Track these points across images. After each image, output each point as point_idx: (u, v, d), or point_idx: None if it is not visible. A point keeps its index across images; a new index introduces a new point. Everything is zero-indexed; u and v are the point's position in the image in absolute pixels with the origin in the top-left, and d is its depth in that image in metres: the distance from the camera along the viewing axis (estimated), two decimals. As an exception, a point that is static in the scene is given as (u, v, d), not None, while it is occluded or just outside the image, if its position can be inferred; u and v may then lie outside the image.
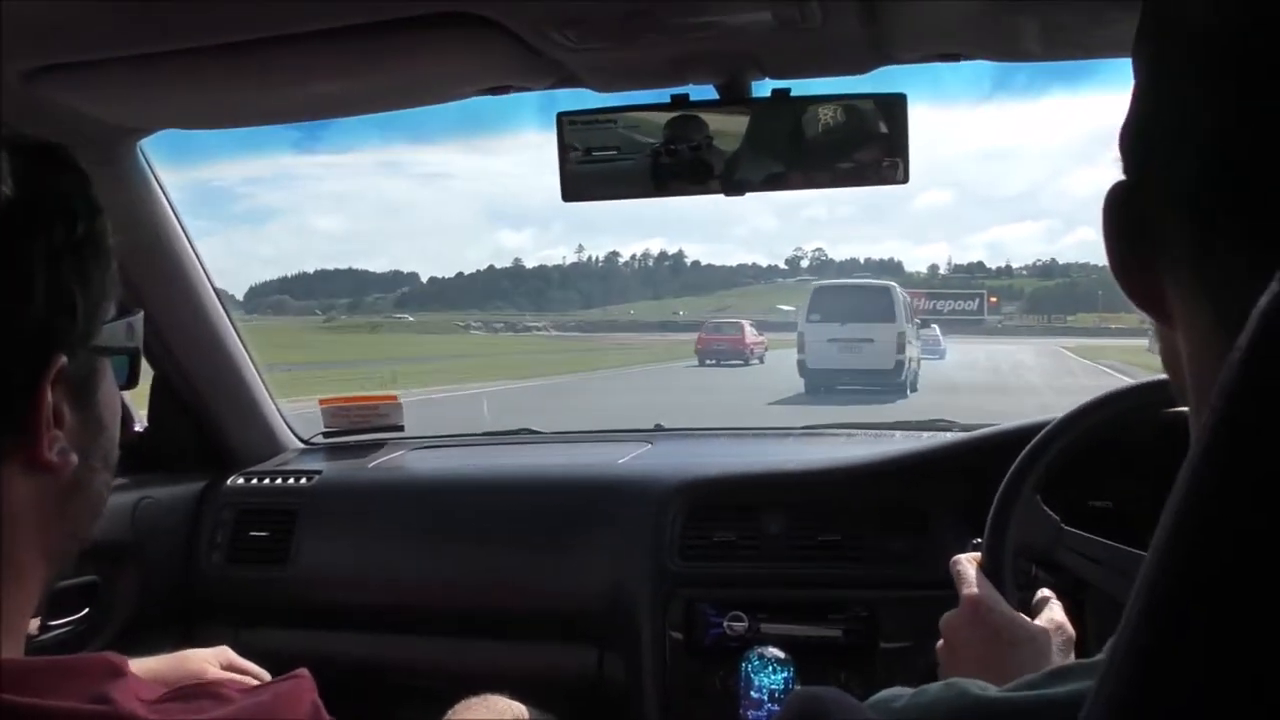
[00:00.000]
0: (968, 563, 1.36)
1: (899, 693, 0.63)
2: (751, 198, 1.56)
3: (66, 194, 0.67)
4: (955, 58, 1.41)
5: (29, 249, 0.62)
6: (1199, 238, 0.44)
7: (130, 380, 0.76)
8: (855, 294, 19.86)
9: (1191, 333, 0.47)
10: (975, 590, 1.28)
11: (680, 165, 1.51)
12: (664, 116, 1.51)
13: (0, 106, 1.43)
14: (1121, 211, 0.49)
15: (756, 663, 1.64)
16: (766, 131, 1.51)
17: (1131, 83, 0.51)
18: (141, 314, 0.75)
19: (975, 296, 57.54)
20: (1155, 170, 0.47)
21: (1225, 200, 0.43)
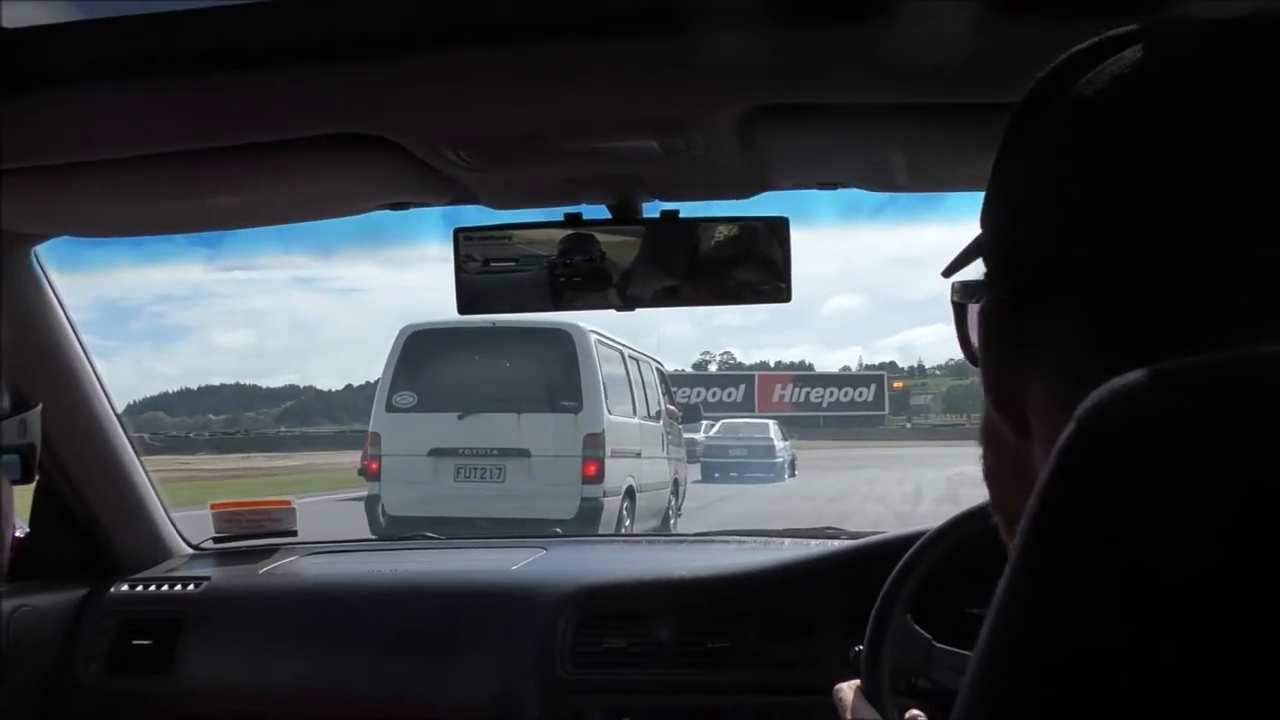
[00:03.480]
0: (848, 689, 1.40)
1: None
2: (665, 310, 1.62)
3: None
4: (831, 186, 1.50)
5: None
6: (1071, 346, 0.49)
7: (25, 476, 0.74)
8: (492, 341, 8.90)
9: (1048, 445, 0.51)
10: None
11: (576, 279, 1.56)
12: (558, 233, 1.56)
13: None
14: (996, 325, 0.54)
15: None
16: (657, 249, 1.57)
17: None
18: (39, 408, 0.74)
19: (872, 382, 42.66)
20: (1030, 283, 0.52)
21: (1093, 308, 0.49)
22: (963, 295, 0.60)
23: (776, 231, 1.53)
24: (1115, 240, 0.48)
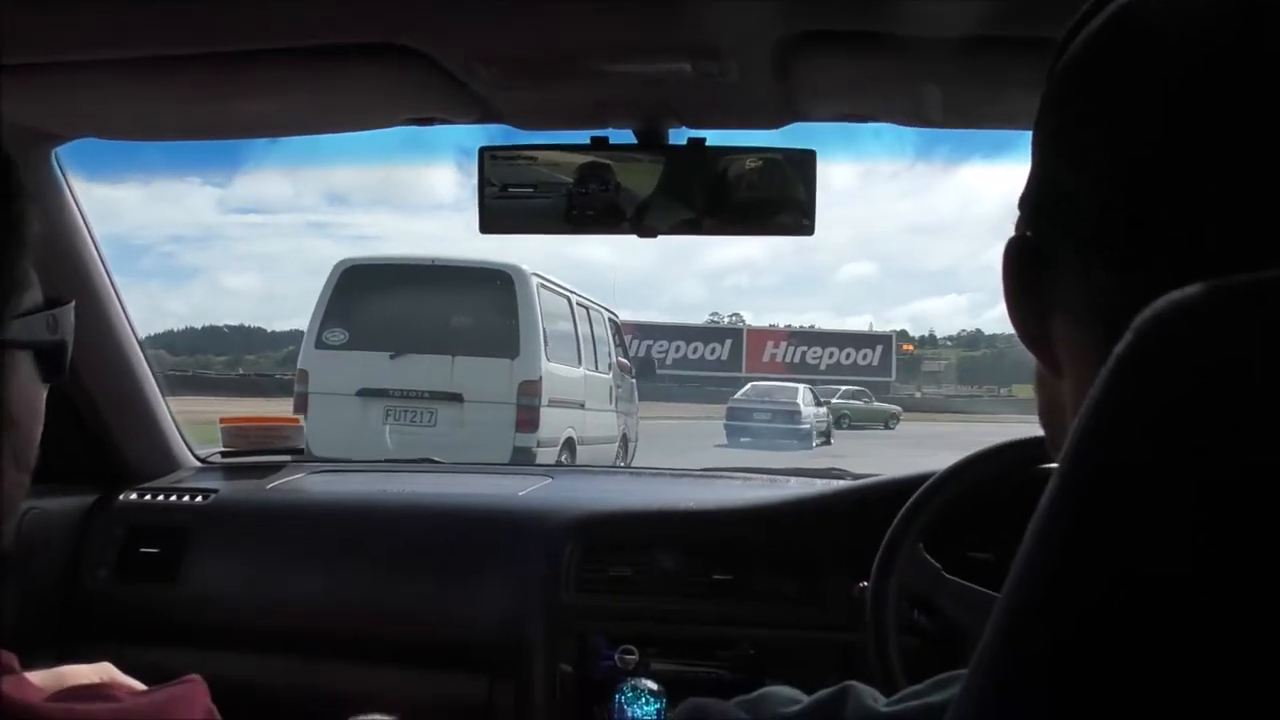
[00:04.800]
0: None
1: (793, 696, 0.66)
2: (677, 265, 1.62)
3: None
4: (863, 118, 1.49)
5: None
6: (1091, 281, 0.49)
7: (55, 374, 0.73)
8: (415, 275, 8.63)
9: (1078, 380, 0.51)
10: None
11: (594, 206, 1.56)
12: (582, 158, 1.55)
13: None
14: (1020, 261, 0.55)
15: (630, 694, 1.66)
16: (681, 178, 1.56)
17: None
18: (71, 306, 0.73)
19: (878, 342, 36.82)
20: (1051, 223, 0.53)
21: (1114, 244, 0.49)
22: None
23: (802, 164, 1.52)
24: (1131, 175, 0.48)
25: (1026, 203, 0.56)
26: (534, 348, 8.19)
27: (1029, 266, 0.54)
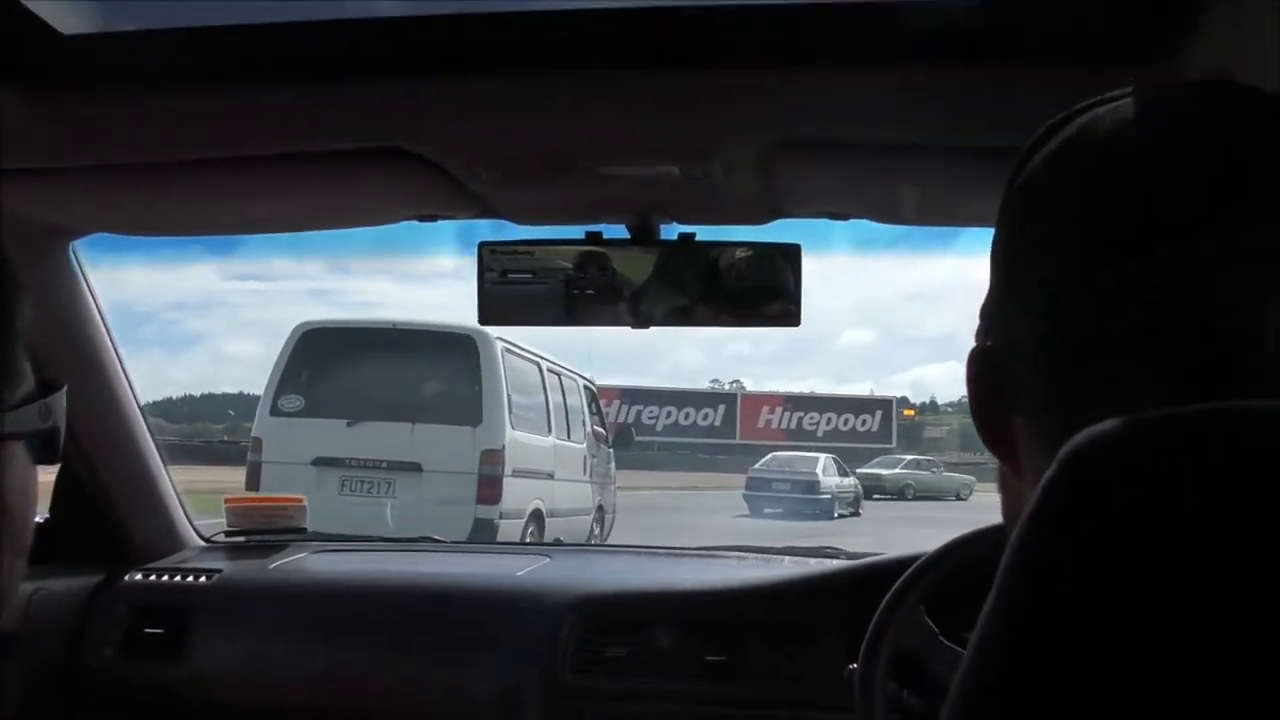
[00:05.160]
0: None
1: None
2: (678, 337, 1.66)
3: None
4: (843, 217, 1.55)
5: None
6: (1047, 393, 0.54)
7: (49, 459, 0.74)
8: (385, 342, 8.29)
9: (1036, 482, 0.56)
10: None
11: (592, 296, 1.62)
12: (578, 249, 1.62)
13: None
14: (983, 371, 0.59)
15: None
16: (673, 270, 1.62)
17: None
18: (64, 391, 0.74)
19: (877, 408, 34.48)
20: (1011, 335, 0.57)
21: (1067, 359, 0.54)
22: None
23: (789, 258, 1.58)
24: (1056, 304, 0.53)
25: (986, 312, 0.61)
26: (497, 415, 7.79)
27: (989, 373, 0.58)
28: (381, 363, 8.08)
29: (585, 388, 10.21)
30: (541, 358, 8.97)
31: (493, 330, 7.66)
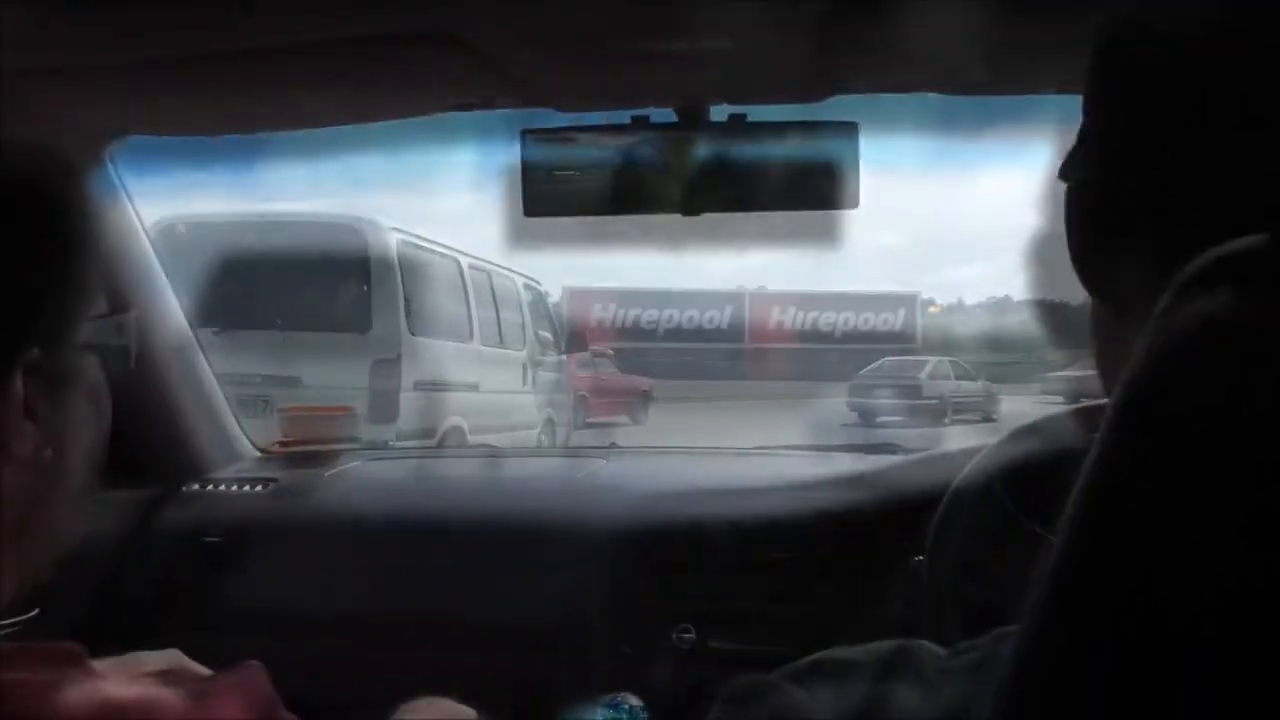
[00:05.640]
0: None
1: (849, 656, 0.66)
2: (705, 245, 1.61)
3: (41, 192, 0.68)
4: (904, 88, 1.48)
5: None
6: (1160, 219, 0.49)
7: (121, 376, 0.77)
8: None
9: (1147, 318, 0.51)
10: None
11: (638, 186, 1.56)
12: (625, 138, 1.56)
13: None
14: (1081, 204, 0.55)
15: (610, 713, 1.60)
16: (723, 155, 1.56)
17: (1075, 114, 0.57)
18: (134, 313, 0.77)
19: (900, 305, 30.96)
20: (1110, 169, 0.52)
21: (1183, 181, 0.49)
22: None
23: (846, 136, 1.51)
24: (1185, 123, 0.48)
25: (1082, 142, 0.56)
26: (391, 320, 6.81)
27: (1090, 212, 0.54)
28: (253, 261, 6.86)
29: (527, 287, 9.39)
30: (460, 253, 8.08)
31: (387, 220, 7.07)
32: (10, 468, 0.66)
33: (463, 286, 7.94)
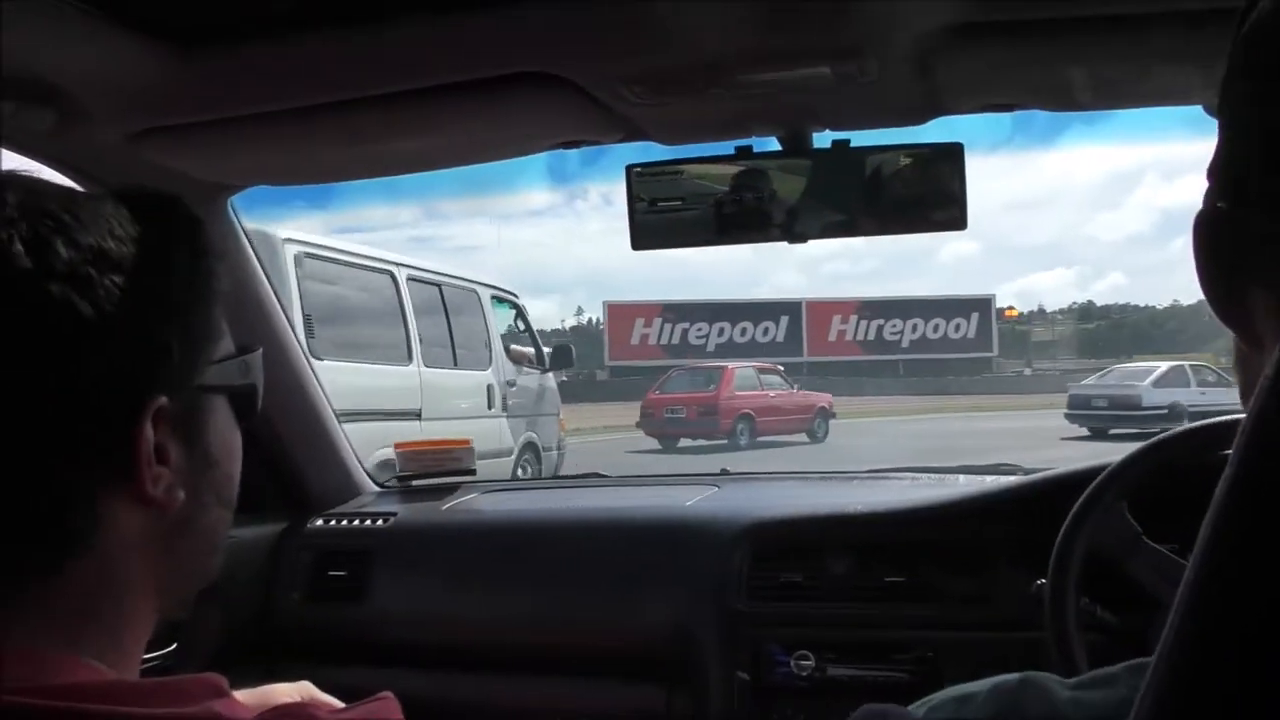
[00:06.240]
0: None
1: (973, 690, 0.65)
2: (775, 258, 1.60)
3: (166, 241, 0.70)
4: (1009, 108, 1.46)
5: (119, 295, 0.65)
6: None
7: (248, 415, 0.79)
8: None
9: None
10: None
11: (743, 214, 1.57)
12: (728, 168, 1.57)
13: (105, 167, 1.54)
14: (1214, 234, 0.53)
15: None
16: (827, 181, 1.56)
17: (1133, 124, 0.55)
18: (260, 352, 0.79)
19: (973, 310, 28.84)
20: (1245, 193, 0.51)
21: None
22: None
23: (951, 158, 1.50)
24: None
25: (1217, 172, 0.54)
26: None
27: (1222, 239, 0.52)
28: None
29: (499, 300, 8.76)
30: (400, 265, 7.47)
31: (283, 231, 6.60)
32: (145, 512, 0.68)
33: (398, 302, 7.43)
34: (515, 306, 9.17)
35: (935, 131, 1.58)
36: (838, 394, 19.84)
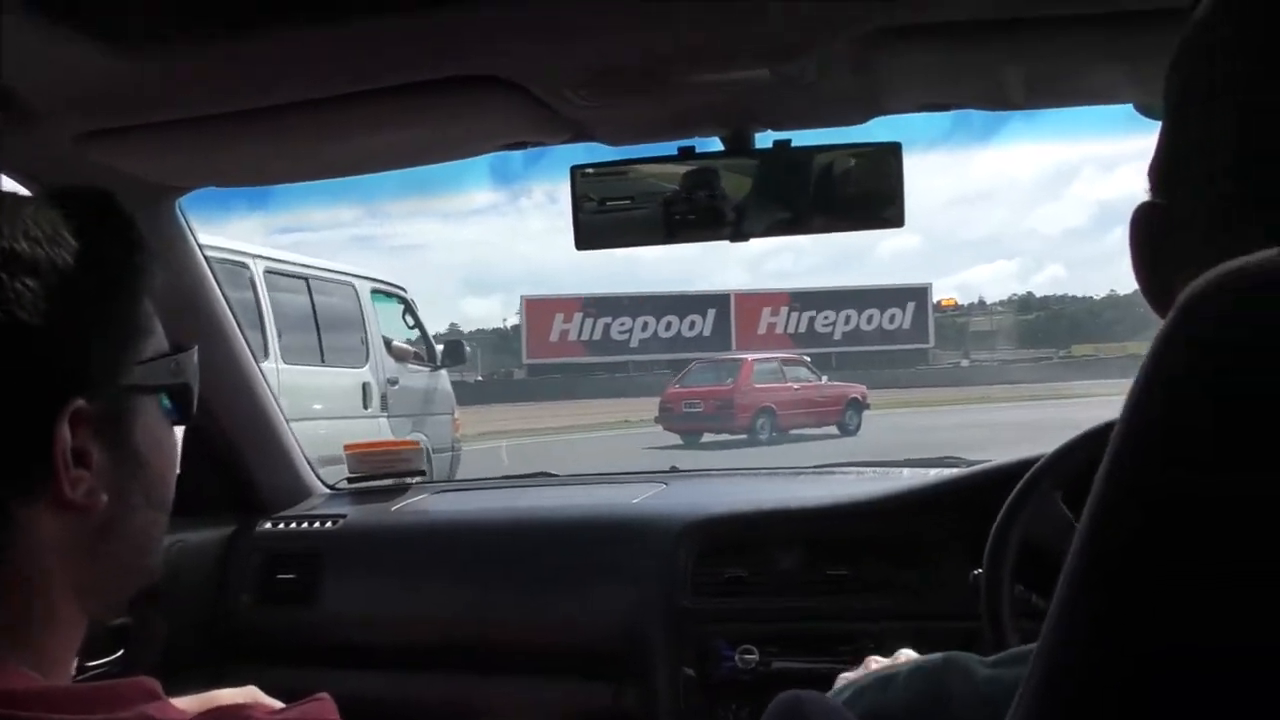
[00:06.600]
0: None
1: (893, 671, 0.67)
2: (718, 252, 1.62)
3: (92, 240, 0.69)
4: (945, 107, 1.49)
5: (31, 297, 0.64)
6: (1218, 244, 0.50)
7: (183, 416, 0.78)
8: None
9: None
10: None
11: (690, 214, 1.59)
12: (671, 168, 1.59)
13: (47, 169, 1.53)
14: (1148, 226, 0.56)
15: None
16: (770, 181, 1.59)
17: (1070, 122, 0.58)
18: (195, 350, 0.77)
19: (908, 299, 27.99)
20: (1180, 188, 0.54)
21: (1245, 211, 0.50)
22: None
23: (890, 157, 1.53)
24: (1241, 143, 0.49)
25: (1155, 170, 0.57)
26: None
27: (1157, 231, 0.56)
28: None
29: (380, 294, 8.40)
30: (256, 256, 7.20)
31: None
32: (64, 516, 0.67)
33: (255, 296, 7.12)
34: (404, 301, 8.72)
35: (875, 130, 1.61)
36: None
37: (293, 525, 2.23)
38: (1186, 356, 0.42)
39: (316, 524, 2.22)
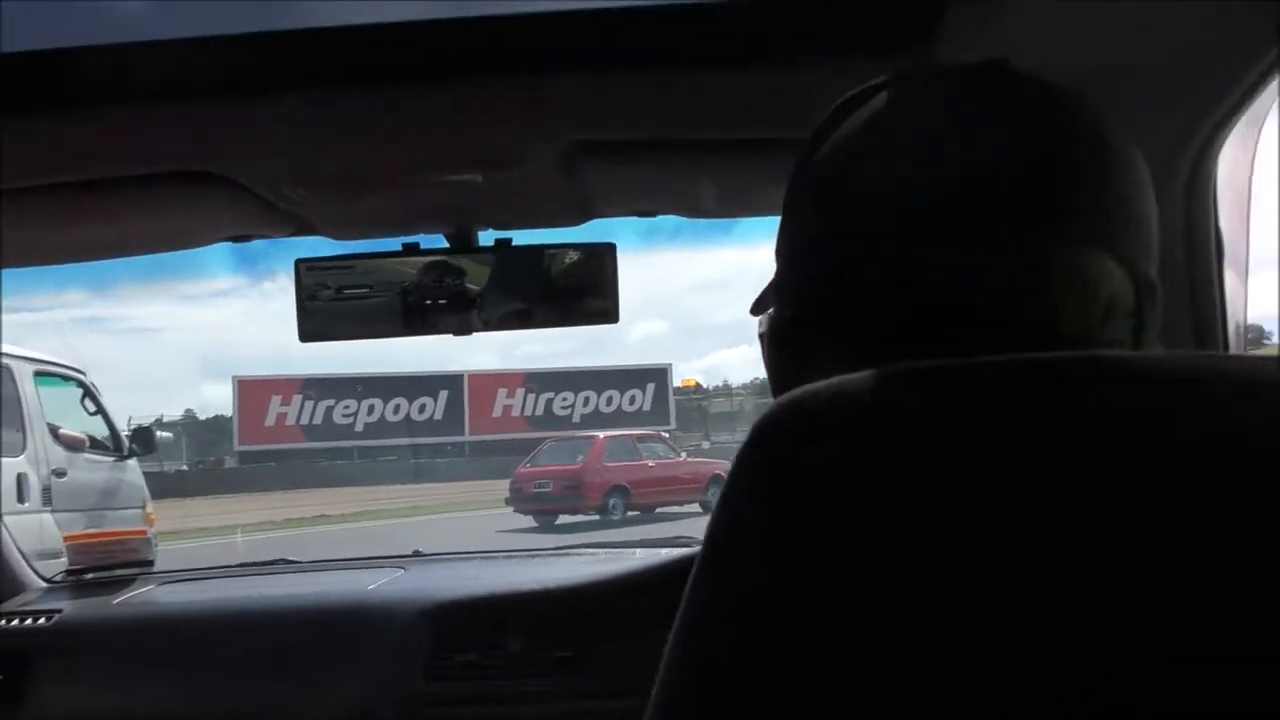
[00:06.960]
0: None
1: None
2: (473, 342, 1.69)
3: None
4: (651, 213, 1.61)
5: None
6: (834, 358, 0.57)
7: None
8: None
9: None
10: None
11: (412, 309, 1.64)
12: (398, 263, 1.64)
13: None
14: (780, 339, 0.65)
15: None
16: (495, 276, 1.66)
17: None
18: None
19: (649, 380, 28.06)
20: (800, 298, 0.63)
21: (846, 328, 0.59)
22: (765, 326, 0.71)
23: (603, 256, 1.63)
24: (854, 275, 0.59)
25: (779, 287, 0.66)
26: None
27: (787, 335, 0.64)
28: None
29: (46, 376, 7.68)
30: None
31: None
32: None
33: None
34: (82, 385, 7.93)
35: (597, 229, 1.71)
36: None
37: (1, 622, 2.11)
38: (756, 474, 0.50)
39: (27, 620, 2.11)
